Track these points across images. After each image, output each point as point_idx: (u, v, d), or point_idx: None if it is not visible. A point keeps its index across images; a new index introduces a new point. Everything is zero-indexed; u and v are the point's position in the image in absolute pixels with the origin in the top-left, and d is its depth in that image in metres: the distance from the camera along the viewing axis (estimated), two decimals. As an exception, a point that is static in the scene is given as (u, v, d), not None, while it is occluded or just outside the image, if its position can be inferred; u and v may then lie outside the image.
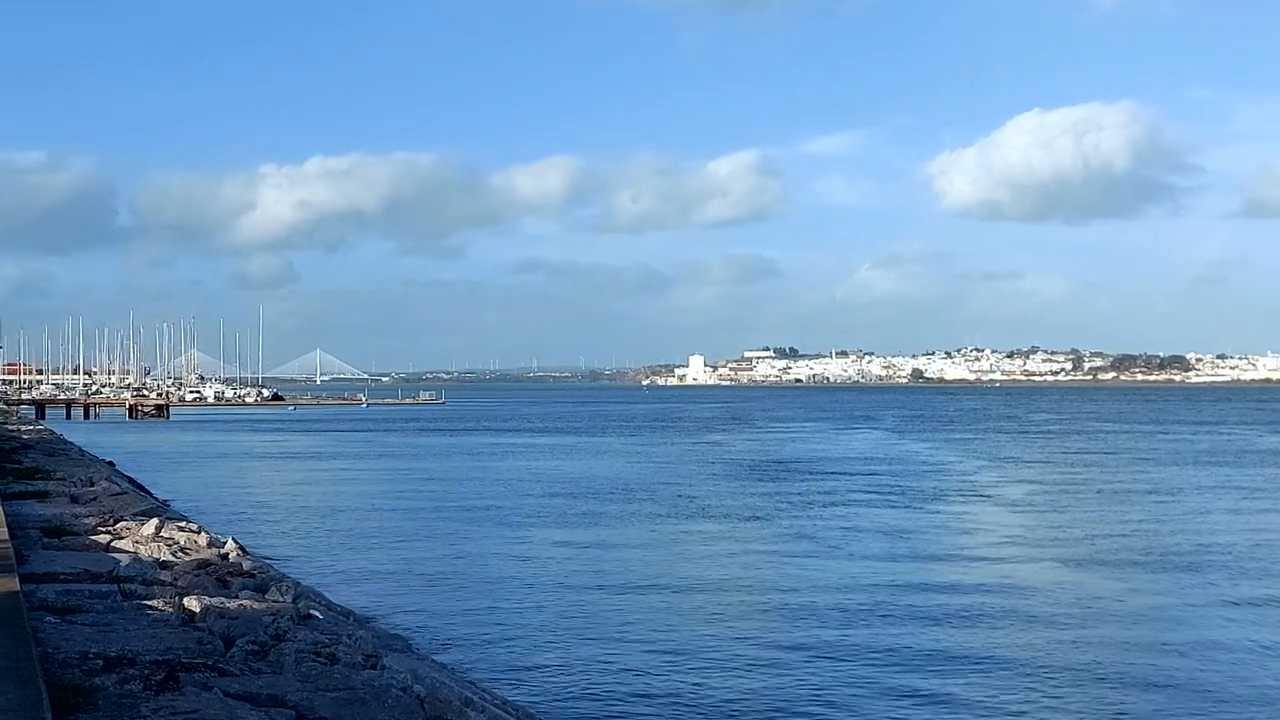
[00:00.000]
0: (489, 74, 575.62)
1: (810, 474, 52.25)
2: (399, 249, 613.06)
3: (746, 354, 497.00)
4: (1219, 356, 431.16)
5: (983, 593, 23.29)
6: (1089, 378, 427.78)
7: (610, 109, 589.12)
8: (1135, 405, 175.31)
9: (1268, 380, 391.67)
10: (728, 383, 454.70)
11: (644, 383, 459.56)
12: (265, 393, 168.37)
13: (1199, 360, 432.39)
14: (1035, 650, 18.40)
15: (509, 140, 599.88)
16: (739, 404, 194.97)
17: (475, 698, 11.78)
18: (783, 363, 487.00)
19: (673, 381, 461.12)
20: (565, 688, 16.03)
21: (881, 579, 24.79)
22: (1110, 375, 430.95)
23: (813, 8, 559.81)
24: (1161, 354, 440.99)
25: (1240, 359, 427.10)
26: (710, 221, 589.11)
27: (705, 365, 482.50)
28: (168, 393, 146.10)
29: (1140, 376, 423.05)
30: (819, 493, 43.36)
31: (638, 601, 22.48)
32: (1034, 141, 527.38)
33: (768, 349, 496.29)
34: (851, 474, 52.30)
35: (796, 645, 18.58)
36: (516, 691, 15.35)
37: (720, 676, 16.64)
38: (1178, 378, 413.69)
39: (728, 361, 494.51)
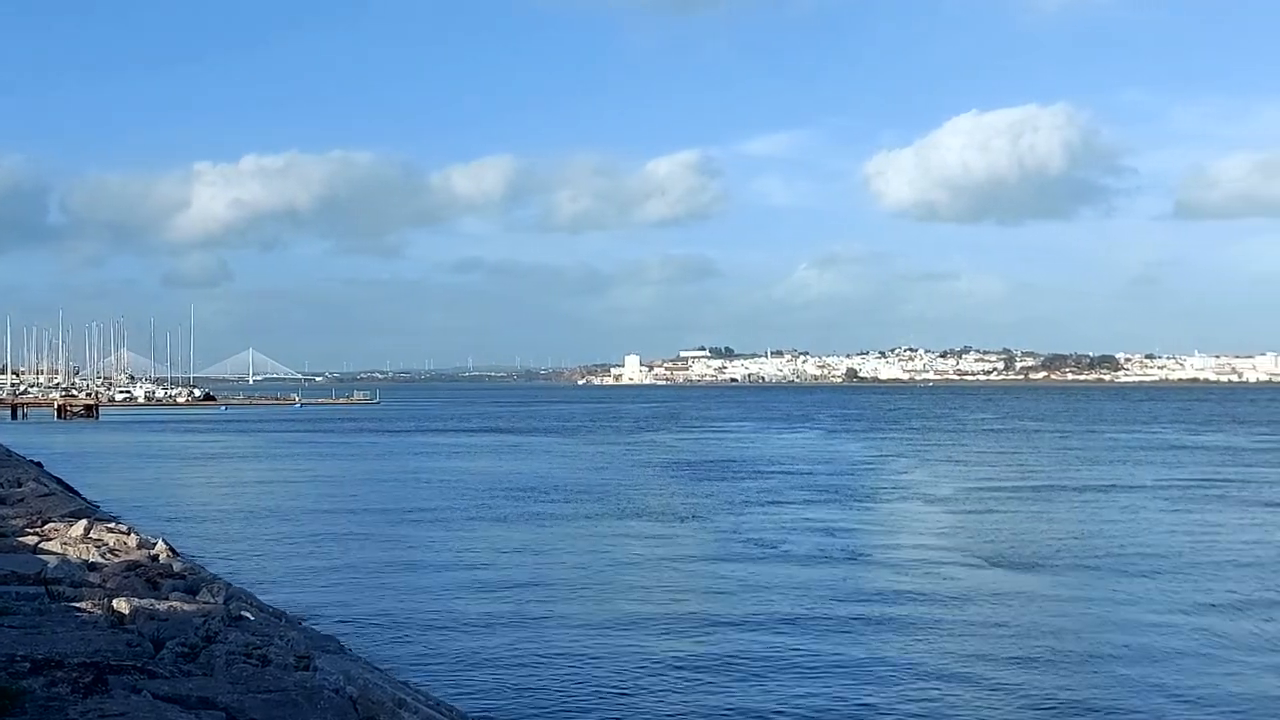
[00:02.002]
0: (428, 72, 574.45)
1: (746, 474, 52.47)
2: (336, 248, 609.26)
3: (682, 354, 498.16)
4: (1148, 356, 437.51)
5: (915, 591, 23.54)
6: (1020, 377, 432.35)
7: (550, 108, 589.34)
8: (1064, 403, 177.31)
9: (1195, 380, 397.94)
10: (663, 382, 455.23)
11: (579, 382, 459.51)
12: (197, 393, 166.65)
13: (1128, 360, 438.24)
14: (968, 647, 18.63)
15: (448, 139, 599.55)
16: (674, 403, 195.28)
17: (408, 698, 11.76)
18: (718, 362, 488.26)
19: (608, 381, 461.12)
20: (499, 688, 16.04)
21: (816, 578, 24.98)
22: (1041, 375, 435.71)
23: (757, 9, 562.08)
24: (1092, 354, 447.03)
25: (1168, 359, 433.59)
26: (649, 221, 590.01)
27: (641, 365, 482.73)
28: (97, 393, 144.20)
29: (1071, 376, 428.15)
30: (755, 492, 43.55)
31: (573, 601, 22.50)
32: (970, 143, 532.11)
33: (703, 349, 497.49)
34: (787, 473, 52.57)
35: (735, 646, 18.68)
36: (449, 692, 15.33)
37: (655, 676, 16.70)
38: (1107, 377, 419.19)
39: (663, 361, 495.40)
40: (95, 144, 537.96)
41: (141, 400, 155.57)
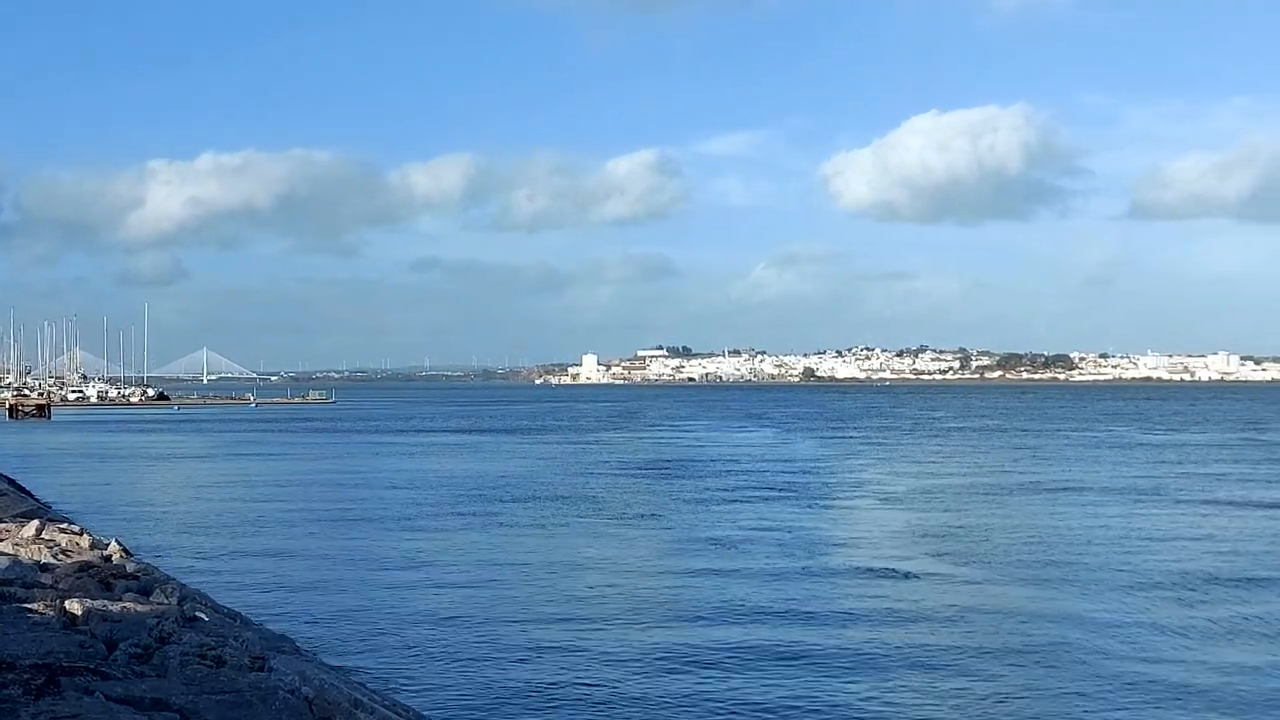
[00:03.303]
0: (388, 70, 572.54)
1: (703, 473, 52.56)
2: (293, 247, 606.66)
3: (640, 353, 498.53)
4: (1102, 355, 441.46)
5: (868, 597, 23.69)
6: (976, 376, 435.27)
7: (510, 107, 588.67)
8: (1020, 402, 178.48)
9: (1148, 378, 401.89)
10: (621, 382, 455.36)
11: (537, 381, 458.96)
12: (150, 392, 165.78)
13: (1082, 359, 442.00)
14: (918, 650, 18.77)
15: (407, 138, 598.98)
16: (632, 403, 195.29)
17: (364, 699, 11.73)
18: (676, 361, 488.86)
19: (566, 380, 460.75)
20: (454, 689, 16.02)
21: (772, 584, 25.07)
22: (997, 374, 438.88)
23: (717, 9, 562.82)
24: (1046, 353, 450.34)
25: (1122, 358, 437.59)
26: (608, 220, 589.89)
27: (599, 364, 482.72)
28: (49, 392, 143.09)
29: (1025, 375, 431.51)
30: (713, 490, 43.63)
31: (529, 602, 22.49)
32: (930, 143, 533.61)
33: (661, 348, 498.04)
34: (743, 472, 52.70)
35: (686, 645, 18.72)
36: (406, 692, 15.30)
37: (610, 677, 16.72)
38: (1062, 376, 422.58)
39: (621, 360, 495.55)
40: (49, 141, 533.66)
41: (94, 400, 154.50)
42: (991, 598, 22.91)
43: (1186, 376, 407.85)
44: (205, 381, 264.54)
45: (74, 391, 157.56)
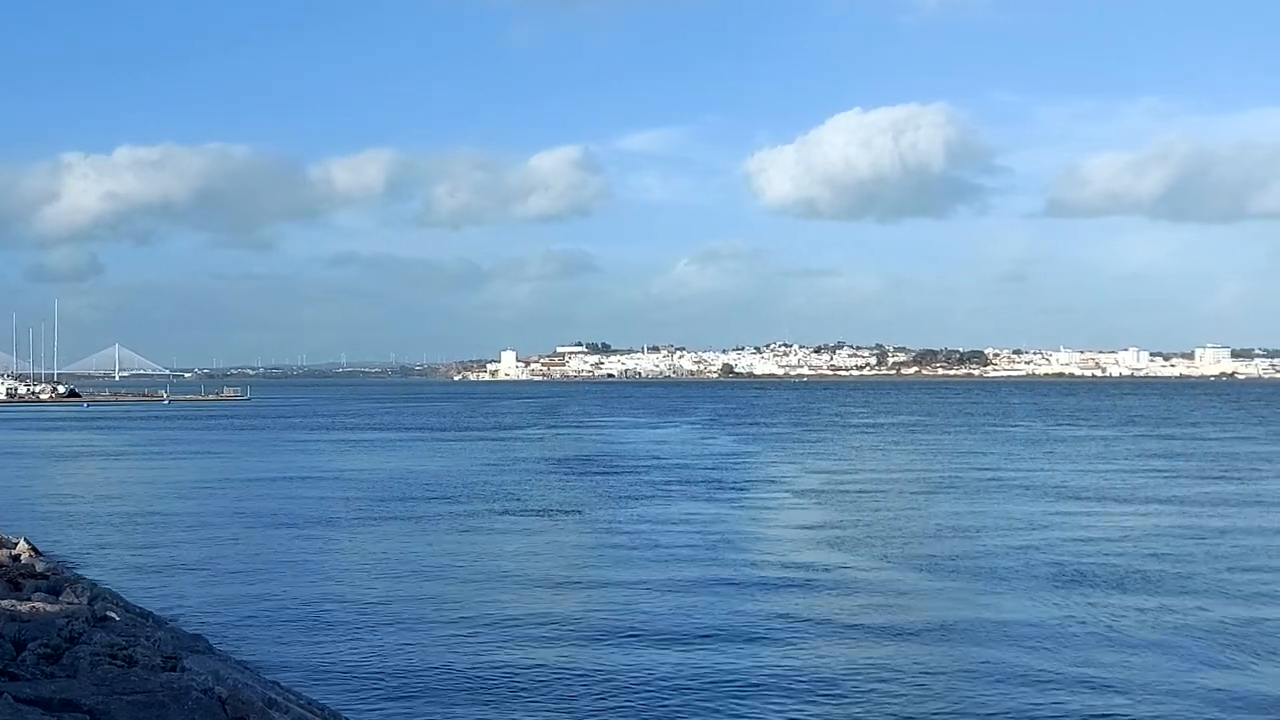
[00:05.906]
0: (308, 64, 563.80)
1: (621, 469, 52.64)
2: (210, 242, 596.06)
3: (559, 349, 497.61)
4: (1015, 352, 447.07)
5: (783, 586, 23.90)
6: (892, 372, 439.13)
7: (432, 102, 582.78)
8: (937, 397, 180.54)
9: (1060, 374, 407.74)
10: (540, 378, 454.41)
11: (455, 378, 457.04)
12: (60, 389, 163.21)
13: (996, 355, 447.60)
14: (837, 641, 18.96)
15: (327, 132, 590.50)
16: (551, 399, 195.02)
17: (279, 698, 11.67)
18: (595, 358, 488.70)
19: (484, 377, 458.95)
20: (370, 687, 15.96)
21: (690, 573, 25.24)
22: (913, 370, 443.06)
23: (640, 4, 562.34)
24: (962, 349, 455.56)
25: (1035, 354, 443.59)
26: (530, 216, 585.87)
27: (517, 361, 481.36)
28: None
29: (941, 371, 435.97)
30: (630, 486, 43.74)
31: (444, 599, 22.45)
32: (852, 140, 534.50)
33: (580, 344, 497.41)
34: (660, 468, 52.86)
35: (607, 641, 18.81)
36: (321, 691, 15.22)
37: (527, 675, 16.75)
38: (976, 372, 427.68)
39: (540, 357, 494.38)
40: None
41: (2, 397, 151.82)
42: (903, 591, 23.22)
43: (1098, 372, 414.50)
44: (117, 378, 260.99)
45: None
